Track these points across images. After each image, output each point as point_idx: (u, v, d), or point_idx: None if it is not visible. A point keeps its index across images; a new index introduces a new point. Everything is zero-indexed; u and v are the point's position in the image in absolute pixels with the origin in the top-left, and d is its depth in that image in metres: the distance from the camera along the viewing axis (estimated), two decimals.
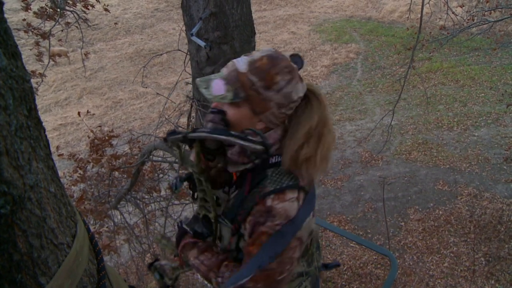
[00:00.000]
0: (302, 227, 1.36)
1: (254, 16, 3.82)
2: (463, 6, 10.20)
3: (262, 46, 16.93)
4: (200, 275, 1.59)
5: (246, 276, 1.35)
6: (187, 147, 1.51)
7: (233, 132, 1.32)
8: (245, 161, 1.46)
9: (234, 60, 1.47)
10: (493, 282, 6.85)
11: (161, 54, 7.05)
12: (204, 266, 1.56)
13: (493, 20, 7.97)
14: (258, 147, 1.28)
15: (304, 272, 1.63)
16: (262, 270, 1.34)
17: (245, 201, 1.45)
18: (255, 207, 1.38)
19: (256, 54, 1.44)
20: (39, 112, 0.86)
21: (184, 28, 3.50)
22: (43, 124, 0.91)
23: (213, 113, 1.45)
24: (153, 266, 1.73)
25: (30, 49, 7.87)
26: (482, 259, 7.28)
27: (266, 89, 1.39)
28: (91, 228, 5.41)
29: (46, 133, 0.91)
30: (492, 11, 8.68)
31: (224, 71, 1.46)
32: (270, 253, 1.34)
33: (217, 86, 1.42)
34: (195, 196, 1.67)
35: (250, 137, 1.29)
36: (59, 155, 6.55)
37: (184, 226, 1.69)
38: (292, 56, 1.50)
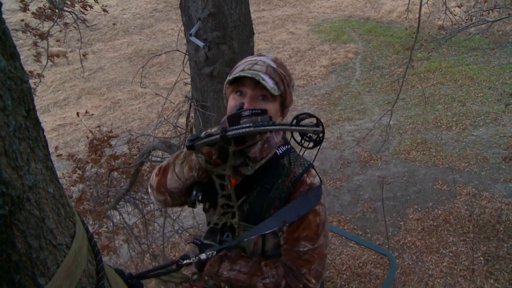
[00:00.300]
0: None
1: (252, 16, 3.82)
2: (462, 6, 10.21)
3: (261, 46, 16.95)
4: (241, 285, 1.50)
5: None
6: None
7: (282, 122, 1.43)
8: (267, 153, 1.51)
9: (261, 58, 1.53)
10: (492, 281, 6.86)
11: (159, 55, 7.05)
12: (244, 274, 1.49)
13: (491, 20, 7.97)
14: (316, 128, 1.28)
15: None
16: (314, 249, 1.45)
17: (269, 196, 1.49)
18: (294, 192, 1.47)
19: (269, 54, 1.56)
20: (38, 113, 0.87)
21: (182, 28, 3.50)
22: (42, 124, 0.91)
23: (255, 114, 1.34)
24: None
25: (28, 49, 7.87)
26: (481, 258, 7.29)
27: (291, 83, 1.56)
28: (90, 228, 5.41)
29: (45, 133, 0.91)
30: (490, 11, 8.69)
31: (258, 67, 1.47)
32: (321, 230, 1.46)
33: (268, 79, 1.43)
34: (206, 207, 1.64)
35: (302, 123, 1.30)
36: (58, 156, 6.55)
37: (205, 241, 1.50)
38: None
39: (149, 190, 1.63)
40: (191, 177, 1.48)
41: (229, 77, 1.49)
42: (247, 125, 1.28)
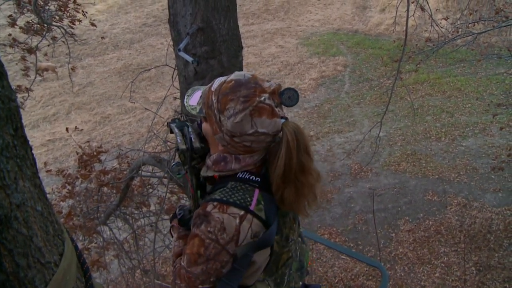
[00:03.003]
0: (239, 242, 1.34)
1: (242, 30, 3.84)
2: (448, 18, 10.36)
3: (250, 60, 17.02)
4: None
5: (173, 271, 1.50)
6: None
7: (188, 126, 1.56)
8: (216, 169, 1.48)
9: (218, 79, 1.49)
10: None
11: (149, 69, 7.05)
12: (173, 251, 1.64)
13: (476, 32, 8.10)
14: (182, 146, 1.49)
15: None
16: (187, 271, 1.37)
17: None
18: (199, 209, 1.40)
19: (234, 75, 1.44)
20: (27, 128, 0.87)
21: (171, 43, 3.51)
22: (30, 141, 0.91)
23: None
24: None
25: (17, 64, 7.84)
26: (473, 268, 7.31)
27: (219, 112, 1.39)
28: (80, 244, 5.36)
29: (34, 148, 0.91)
30: (476, 23, 8.83)
31: (208, 85, 1.52)
32: (196, 257, 1.34)
33: (195, 97, 1.54)
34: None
35: (189, 135, 1.51)
36: (47, 171, 6.50)
37: (177, 209, 1.76)
38: (286, 89, 1.43)
39: None
40: None
41: None
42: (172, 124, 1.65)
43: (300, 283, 1.76)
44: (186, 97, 1.57)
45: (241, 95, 1.36)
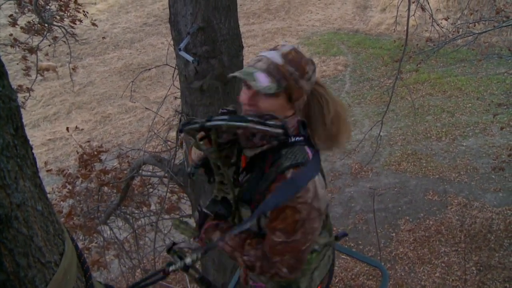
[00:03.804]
0: (319, 197, 1.47)
1: (242, 30, 3.84)
2: (448, 18, 10.34)
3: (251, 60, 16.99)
4: (227, 255, 1.66)
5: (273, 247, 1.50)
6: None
7: (250, 118, 1.44)
8: (263, 144, 1.55)
9: (265, 54, 1.57)
10: None
11: (150, 69, 7.04)
12: (229, 246, 1.63)
13: (477, 32, 8.09)
14: (278, 130, 1.43)
15: (327, 243, 1.76)
16: (288, 243, 1.46)
17: (261, 180, 1.55)
18: (273, 184, 1.49)
19: (283, 48, 1.58)
20: (28, 127, 0.87)
21: (172, 42, 3.51)
22: (31, 140, 0.91)
23: (223, 113, 1.56)
24: (172, 250, 1.71)
25: (17, 64, 7.84)
26: (473, 268, 7.31)
27: (301, 78, 1.54)
28: (80, 244, 5.36)
29: (35, 148, 0.91)
30: (476, 23, 8.82)
31: (260, 64, 1.54)
32: (293, 226, 1.46)
33: (262, 79, 1.49)
34: (211, 180, 1.75)
35: (269, 122, 1.43)
36: (47, 171, 6.50)
37: (204, 210, 1.74)
38: None
39: None
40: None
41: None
42: (222, 117, 1.47)
43: None
44: (252, 82, 1.50)
45: (308, 59, 1.59)
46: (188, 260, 1.45)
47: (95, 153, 6.04)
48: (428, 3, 6.85)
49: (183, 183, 4.48)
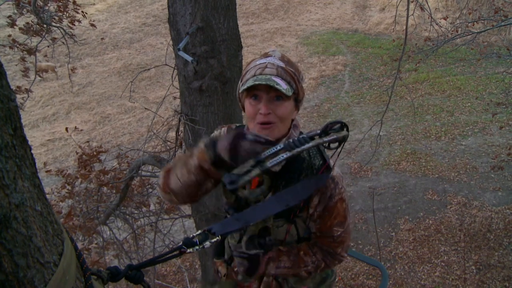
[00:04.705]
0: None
1: (241, 29, 3.84)
2: (447, 18, 10.34)
3: (250, 60, 16.98)
4: (289, 276, 1.72)
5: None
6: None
7: (311, 134, 1.44)
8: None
9: (269, 59, 1.56)
10: None
11: (149, 69, 7.04)
12: (288, 269, 1.64)
13: (476, 31, 8.09)
14: (345, 132, 1.44)
15: None
16: (345, 230, 1.62)
17: (300, 187, 1.53)
18: (326, 181, 1.56)
19: (275, 53, 1.61)
20: (27, 128, 0.86)
21: (171, 42, 3.51)
22: (30, 141, 0.91)
23: (258, 141, 1.36)
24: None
25: (16, 65, 7.84)
26: (473, 267, 7.31)
27: (301, 76, 1.62)
28: (80, 244, 5.36)
29: (34, 148, 0.91)
30: (475, 23, 8.82)
31: (269, 70, 1.51)
32: (346, 216, 1.59)
33: (281, 82, 1.48)
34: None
35: (330, 131, 1.44)
36: (47, 171, 6.49)
37: (249, 252, 1.65)
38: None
39: (157, 189, 1.78)
40: (190, 180, 1.50)
41: (243, 85, 1.54)
42: (283, 156, 1.34)
43: None
44: (280, 87, 1.46)
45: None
46: (207, 243, 1.41)
47: (95, 153, 6.04)
48: (427, 3, 6.87)
49: None
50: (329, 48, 17.80)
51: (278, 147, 1.35)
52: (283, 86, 1.47)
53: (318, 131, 1.44)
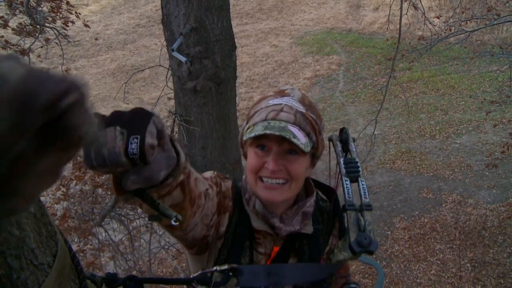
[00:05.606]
0: None
1: (235, 30, 3.84)
2: (440, 17, 10.39)
3: (244, 60, 17.00)
4: None
5: None
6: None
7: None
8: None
9: (286, 100, 1.27)
10: (479, 287, 6.90)
11: (143, 70, 7.05)
12: None
13: (469, 30, 8.13)
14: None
15: None
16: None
17: (319, 244, 1.50)
18: (335, 229, 1.59)
19: (294, 92, 1.32)
20: None
21: (165, 43, 3.51)
22: None
23: None
24: None
25: None
26: (468, 265, 7.34)
27: (322, 125, 1.36)
28: (75, 246, 5.33)
29: None
30: (468, 21, 8.86)
31: (285, 116, 1.22)
32: None
33: (298, 134, 1.20)
34: None
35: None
36: None
37: None
38: None
39: None
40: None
41: (249, 131, 1.23)
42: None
43: None
44: (295, 140, 1.16)
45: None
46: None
47: None
48: (421, 2, 6.89)
49: None
50: (323, 47, 17.81)
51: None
52: (301, 139, 1.18)
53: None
